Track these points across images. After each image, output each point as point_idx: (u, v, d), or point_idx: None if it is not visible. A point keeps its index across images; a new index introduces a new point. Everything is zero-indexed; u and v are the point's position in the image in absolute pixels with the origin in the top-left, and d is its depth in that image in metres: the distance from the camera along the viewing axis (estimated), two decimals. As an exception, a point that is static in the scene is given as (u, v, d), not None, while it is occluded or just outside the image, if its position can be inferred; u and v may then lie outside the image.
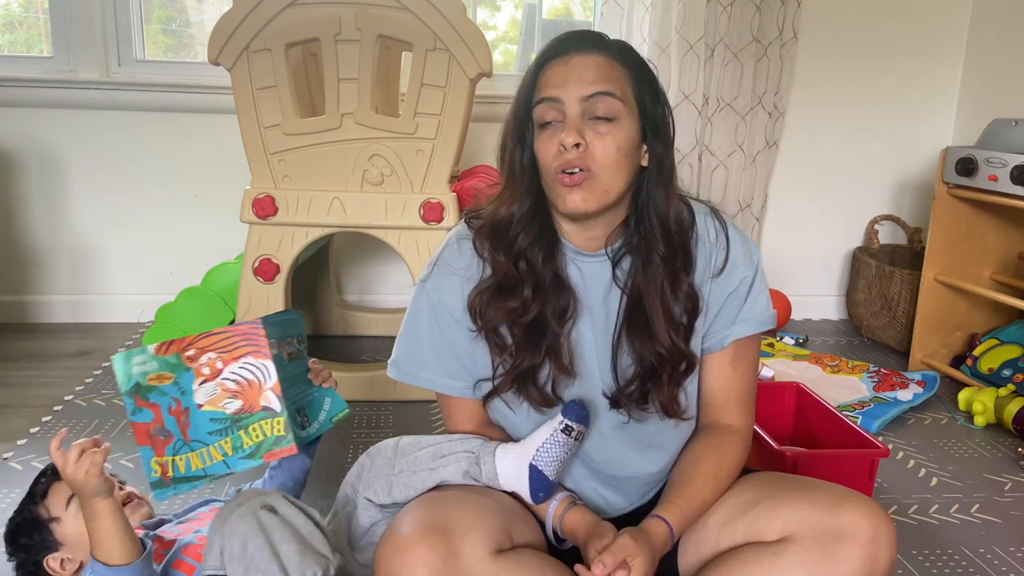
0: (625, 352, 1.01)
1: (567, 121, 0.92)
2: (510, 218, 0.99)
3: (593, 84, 0.92)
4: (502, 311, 0.98)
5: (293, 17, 1.84)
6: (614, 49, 0.95)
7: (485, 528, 0.90)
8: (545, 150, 0.94)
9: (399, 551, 0.86)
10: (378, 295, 2.78)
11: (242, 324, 1.03)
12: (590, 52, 0.94)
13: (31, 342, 2.44)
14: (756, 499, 0.95)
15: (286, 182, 1.95)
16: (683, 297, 1.00)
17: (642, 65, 0.97)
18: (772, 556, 0.89)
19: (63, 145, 2.53)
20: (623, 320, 1.01)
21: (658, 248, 0.98)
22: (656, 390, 1.00)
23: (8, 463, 1.66)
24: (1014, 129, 2.11)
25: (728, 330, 1.04)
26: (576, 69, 0.93)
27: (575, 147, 0.91)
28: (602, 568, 0.86)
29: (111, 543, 0.97)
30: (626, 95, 0.94)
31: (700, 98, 2.56)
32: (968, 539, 1.49)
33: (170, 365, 1.02)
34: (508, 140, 0.99)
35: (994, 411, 1.97)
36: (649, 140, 0.97)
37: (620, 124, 0.93)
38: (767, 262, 3.24)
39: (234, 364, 1.02)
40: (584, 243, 1.01)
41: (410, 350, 1.06)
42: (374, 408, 2.01)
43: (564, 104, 0.92)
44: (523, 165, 0.98)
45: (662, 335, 0.98)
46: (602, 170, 0.92)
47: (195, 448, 1.03)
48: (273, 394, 1.03)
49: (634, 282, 1.00)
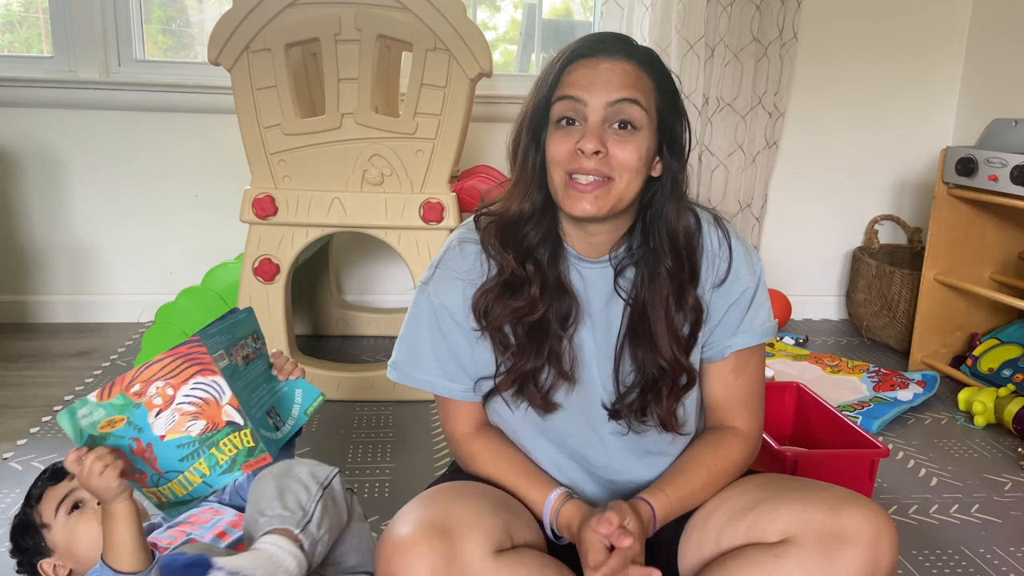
0: (627, 362, 1.01)
1: (588, 126, 0.91)
2: (520, 216, 0.98)
3: (620, 90, 0.91)
4: (508, 310, 0.98)
5: (293, 17, 1.84)
6: (643, 57, 0.94)
7: (486, 528, 0.89)
8: (558, 149, 0.93)
9: (399, 550, 0.86)
10: (378, 295, 2.77)
11: (182, 344, 1.00)
12: (620, 58, 0.93)
13: (31, 342, 2.44)
14: (757, 500, 0.95)
15: (286, 182, 1.95)
16: (688, 310, 0.99)
17: (667, 77, 0.96)
18: (774, 557, 0.89)
19: (63, 145, 2.53)
20: (626, 330, 1.00)
21: (665, 261, 0.98)
22: (656, 403, 1.00)
23: (8, 463, 1.66)
24: (1014, 129, 2.11)
25: (729, 341, 1.03)
26: (604, 74, 0.91)
27: (595, 154, 0.90)
28: (608, 525, 0.87)
29: (123, 550, 0.97)
30: (649, 105, 0.93)
31: (700, 98, 2.56)
32: (968, 539, 1.49)
33: (117, 407, 0.99)
34: (523, 136, 0.97)
35: (994, 411, 1.97)
36: (664, 153, 0.96)
37: (641, 134, 0.92)
38: (767, 262, 3.23)
39: (185, 387, 1.00)
40: (586, 249, 1.01)
41: (410, 352, 1.06)
42: (374, 408, 2.01)
43: (587, 107, 0.91)
44: (535, 163, 0.97)
45: (664, 348, 0.98)
46: (620, 177, 0.92)
47: (171, 478, 1.01)
48: (232, 408, 1.01)
49: (638, 293, 1.00)
